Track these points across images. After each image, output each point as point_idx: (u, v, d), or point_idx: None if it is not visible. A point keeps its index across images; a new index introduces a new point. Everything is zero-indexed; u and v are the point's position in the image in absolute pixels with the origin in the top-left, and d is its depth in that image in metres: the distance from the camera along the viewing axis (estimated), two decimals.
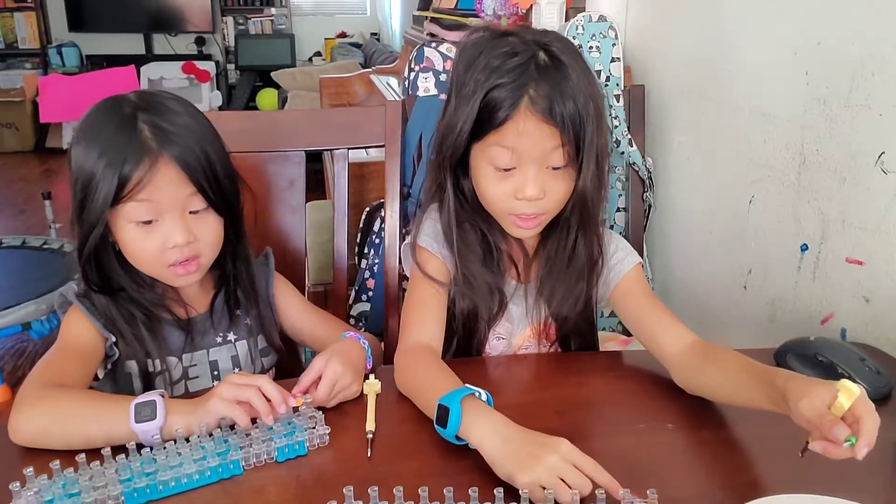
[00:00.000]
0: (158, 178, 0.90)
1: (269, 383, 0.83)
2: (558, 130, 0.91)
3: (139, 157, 0.90)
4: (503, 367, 1.07)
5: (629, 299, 1.04)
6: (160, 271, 0.97)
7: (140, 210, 0.91)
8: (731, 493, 0.74)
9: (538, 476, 0.72)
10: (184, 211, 0.94)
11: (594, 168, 0.94)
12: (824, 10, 1.15)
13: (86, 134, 0.94)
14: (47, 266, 2.59)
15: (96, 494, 0.72)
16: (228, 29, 6.34)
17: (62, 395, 0.85)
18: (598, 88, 0.95)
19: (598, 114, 0.93)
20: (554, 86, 0.90)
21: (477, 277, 1.02)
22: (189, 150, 0.93)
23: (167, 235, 0.93)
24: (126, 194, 0.90)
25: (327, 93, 2.99)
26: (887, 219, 1.06)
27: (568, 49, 0.94)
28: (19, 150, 5.61)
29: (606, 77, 1.61)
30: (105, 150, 0.90)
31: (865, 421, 0.69)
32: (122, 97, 0.96)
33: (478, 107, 0.93)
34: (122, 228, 0.93)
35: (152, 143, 0.91)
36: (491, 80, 0.91)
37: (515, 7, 1.93)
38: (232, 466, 0.78)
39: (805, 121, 1.20)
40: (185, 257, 0.95)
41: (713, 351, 0.93)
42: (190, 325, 1.03)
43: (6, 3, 6.00)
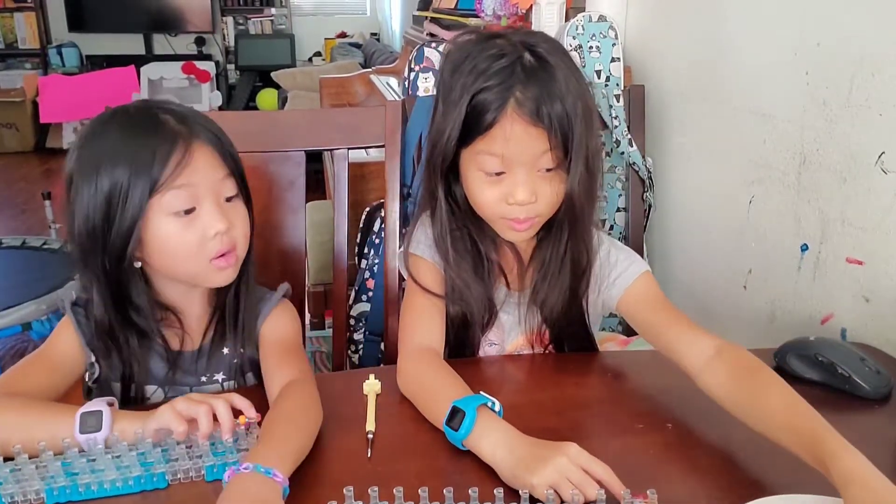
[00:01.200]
0: (195, 159, 0.88)
1: (224, 406, 0.80)
2: (546, 132, 0.89)
3: (171, 145, 0.87)
4: (503, 367, 1.07)
5: (639, 309, 1.02)
6: (201, 267, 0.92)
7: (179, 198, 0.87)
8: (730, 493, 0.74)
9: (547, 477, 0.72)
10: (219, 197, 0.91)
11: (583, 170, 0.92)
12: (824, 10, 1.15)
13: (94, 143, 0.90)
14: (47, 266, 2.59)
15: (17, 487, 0.73)
16: (228, 29, 6.34)
17: (10, 403, 0.84)
18: (586, 88, 0.93)
19: (586, 114, 0.91)
20: (541, 87, 0.89)
21: (469, 285, 1.02)
22: (214, 133, 0.92)
23: (207, 224, 0.89)
24: (164, 181, 0.86)
25: (327, 93, 3.00)
26: (887, 219, 1.06)
27: (555, 49, 0.92)
28: (19, 151, 5.61)
29: (606, 77, 1.61)
30: (125, 154, 0.87)
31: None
32: (123, 106, 0.93)
33: (465, 111, 0.91)
34: (158, 226, 0.88)
35: (181, 128, 0.89)
36: (477, 84, 0.90)
37: (515, 7, 1.93)
38: (156, 479, 0.76)
39: (805, 121, 1.20)
40: (226, 247, 0.91)
41: (751, 376, 0.86)
42: (177, 359, 0.98)
43: (6, 4, 6.00)
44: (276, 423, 0.81)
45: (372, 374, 0.96)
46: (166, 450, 0.79)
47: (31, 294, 2.32)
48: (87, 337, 0.96)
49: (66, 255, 0.99)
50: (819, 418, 0.76)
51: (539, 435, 0.80)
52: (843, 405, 0.92)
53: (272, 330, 1.00)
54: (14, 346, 2.54)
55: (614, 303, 1.04)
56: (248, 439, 0.81)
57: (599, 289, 1.05)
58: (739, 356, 0.89)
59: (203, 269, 0.92)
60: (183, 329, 0.98)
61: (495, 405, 0.84)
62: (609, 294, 1.04)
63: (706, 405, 0.87)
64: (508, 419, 0.82)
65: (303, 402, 0.87)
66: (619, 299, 1.03)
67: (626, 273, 1.03)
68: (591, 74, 1.61)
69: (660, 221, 1.67)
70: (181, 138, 0.88)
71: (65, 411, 0.82)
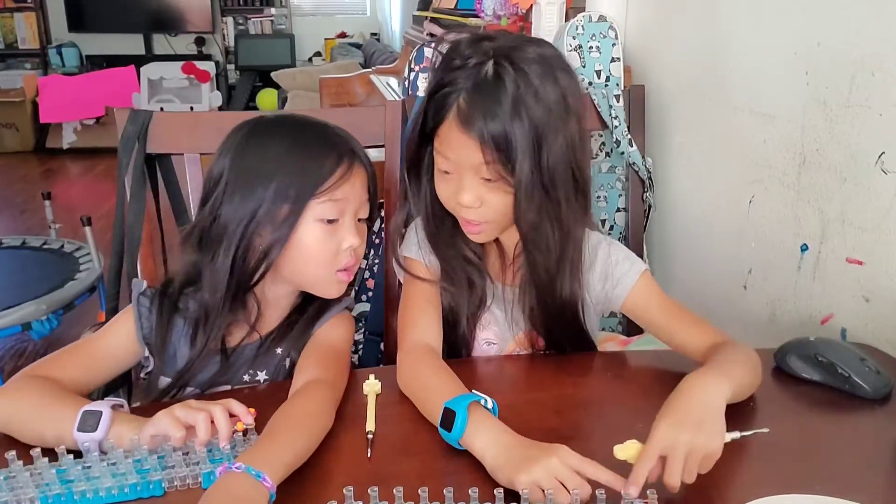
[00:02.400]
0: (354, 179, 0.96)
1: (222, 413, 0.80)
2: (480, 146, 0.89)
3: (339, 158, 0.95)
4: (502, 367, 1.07)
5: (644, 308, 1.04)
6: (327, 274, 0.98)
7: (332, 208, 0.95)
8: (731, 492, 0.74)
9: (537, 477, 0.72)
10: (356, 216, 0.98)
11: (532, 191, 0.90)
12: (824, 10, 1.15)
13: (263, 137, 0.97)
14: (47, 266, 2.59)
15: (11, 495, 0.73)
16: (228, 29, 6.34)
17: (30, 389, 0.86)
18: (553, 112, 0.89)
19: (537, 144, 0.88)
20: (483, 101, 0.88)
21: (457, 271, 1.03)
22: (367, 156, 1.01)
23: (344, 237, 0.96)
24: (326, 189, 0.93)
25: (327, 93, 2.99)
26: (887, 219, 1.06)
27: (531, 67, 0.89)
28: (19, 151, 5.61)
29: (606, 77, 1.61)
30: (296, 148, 0.95)
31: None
32: (287, 116, 1.02)
33: (424, 105, 0.95)
34: (306, 230, 0.94)
35: (349, 145, 0.98)
36: (439, 80, 0.93)
37: (515, 7, 1.93)
38: (153, 486, 0.75)
39: (805, 121, 1.20)
40: (353, 262, 0.98)
41: (713, 351, 0.92)
42: (230, 356, 0.99)
43: (6, 4, 6.00)
44: (281, 424, 0.81)
45: (372, 374, 0.96)
46: (163, 457, 0.78)
47: (31, 294, 2.33)
48: (144, 331, 0.98)
49: (186, 237, 0.99)
50: (711, 378, 0.81)
51: (539, 435, 0.80)
52: (843, 405, 0.92)
53: (324, 333, 1.02)
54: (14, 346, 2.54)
55: (619, 302, 1.05)
56: (245, 446, 0.80)
57: (604, 288, 1.05)
58: (721, 344, 0.93)
59: (327, 277, 0.98)
60: (253, 327, 1.00)
61: (487, 402, 0.84)
62: (614, 294, 1.05)
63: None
64: (508, 419, 0.82)
65: (316, 406, 0.86)
66: (624, 299, 1.04)
67: (630, 273, 1.04)
68: (591, 74, 1.61)
69: (660, 221, 1.67)
70: (346, 156, 0.96)
71: (73, 405, 0.82)
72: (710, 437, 0.74)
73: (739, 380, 0.85)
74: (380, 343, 1.43)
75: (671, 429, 0.73)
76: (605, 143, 1.63)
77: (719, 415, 0.77)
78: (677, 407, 0.76)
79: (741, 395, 0.88)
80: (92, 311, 2.54)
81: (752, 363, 0.91)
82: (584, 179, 0.96)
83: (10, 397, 0.86)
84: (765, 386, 0.98)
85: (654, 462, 0.72)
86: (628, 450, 0.74)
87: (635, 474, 0.71)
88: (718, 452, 0.73)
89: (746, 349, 0.93)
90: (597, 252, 1.05)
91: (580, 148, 0.94)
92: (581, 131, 0.94)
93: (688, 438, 0.72)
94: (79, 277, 2.48)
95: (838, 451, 0.84)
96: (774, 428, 0.88)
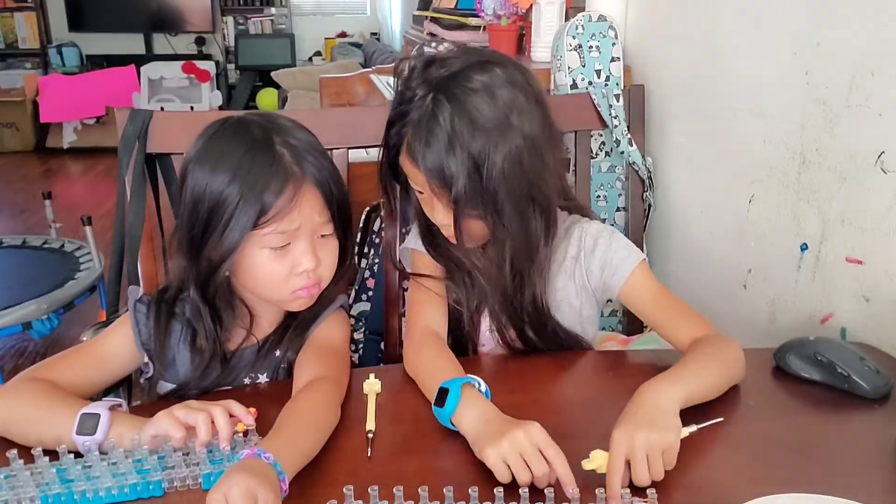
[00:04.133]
0: (301, 203, 0.90)
1: (223, 414, 0.79)
2: (423, 177, 0.94)
3: (282, 184, 0.88)
4: (502, 365, 1.07)
5: (638, 298, 1.06)
6: (282, 295, 0.95)
7: (278, 237, 0.90)
8: (731, 492, 0.74)
9: (503, 451, 0.75)
10: (314, 235, 0.93)
11: (489, 216, 0.94)
12: (824, 10, 1.15)
13: (212, 156, 0.91)
14: (47, 266, 2.59)
15: (12, 494, 0.73)
16: (228, 29, 6.34)
17: (29, 392, 0.86)
18: (494, 138, 0.91)
19: (475, 170, 0.91)
20: (422, 138, 0.92)
21: (455, 272, 1.05)
22: (324, 171, 0.93)
23: (297, 261, 0.92)
24: (266, 221, 0.88)
25: (327, 92, 2.99)
26: (887, 219, 1.06)
27: (470, 98, 0.91)
28: (20, 150, 5.61)
29: (606, 77, 1.61)
30: (238, 176, 0.88)
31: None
32: (244, 117, 0.95)
33: (385, 136, 1.00)
34: (250, 254, 0.91)
35: (294, 168, 0.90)
36: (394, 112, 0.98)
37: (515, 7, 1.93)
38: (152, 487, 0.76)
39: (805, 121, 1.20)
40: (310, 283, 0.94)
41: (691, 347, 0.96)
42: (230, 360, 0.99)
43: (6, 3, 6.00)
44: (290, 422, 0.82)
45: (372, 374, 0.96)
46: (163, 457, 0.78)
47: (32, 293, 2.33)
48: (142, 337, 0.97)
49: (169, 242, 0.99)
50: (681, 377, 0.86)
51: None
52: (842, 405, 0.92)
53: (321, 333, 1.02)
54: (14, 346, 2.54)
55: (616, 291, 1.06)
56: (245, 447, 0.79)
57: (602, 276, 1.06)
58: (704, 337, 0.96)
59: (284, 298, 0.96)
60: (249, 331, 0.99)
61: (481, 385, 0.88)
62: (612, 281, 1.06)
63: (706, 405, 0.87)
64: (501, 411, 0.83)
65: (324, 402, 0.87)
66: (620, 287, 1.06)
67: (627, 262, 1.05)
68: (591, 74, 1.61)
69: (660, 221, 1.67)
70: (292, 180, 0.89)
71: (72, 407, 0.82)
72: (664, 432, 0.77)
73: (697, 380, 0.88)
74: (380, 343, 1.43)
75: (626, 433, 0.76)
76: (605, 143, 1.63)
77: (670, 413, 0.81)
78: (629, 413, 0.80)
79: (706, 393, 0.89)
80: (92, 311, 2.55)
81: (723, 358, 0.93)
82: (540, 191, 0.97)
83: (8, 401, 0.86)
84: (765, 385, 0.98)
85: (623, 469, 0.75)
86: (594, 460, 0.77)
87: (610, 487, 0.74)
88: (675, 445, 0.77)
89: (723, 345, 0.95)
90: (598, 240, 1.07)
91: (533, 160, 0.94)
92: (532, 145, 0.94)
93: (643, 436, 0.75)
94: (79, 277, 2.49)
95: (838, 450, 0.84)
96: (774, 427, 0.88)
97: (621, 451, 0.75)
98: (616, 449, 0.75)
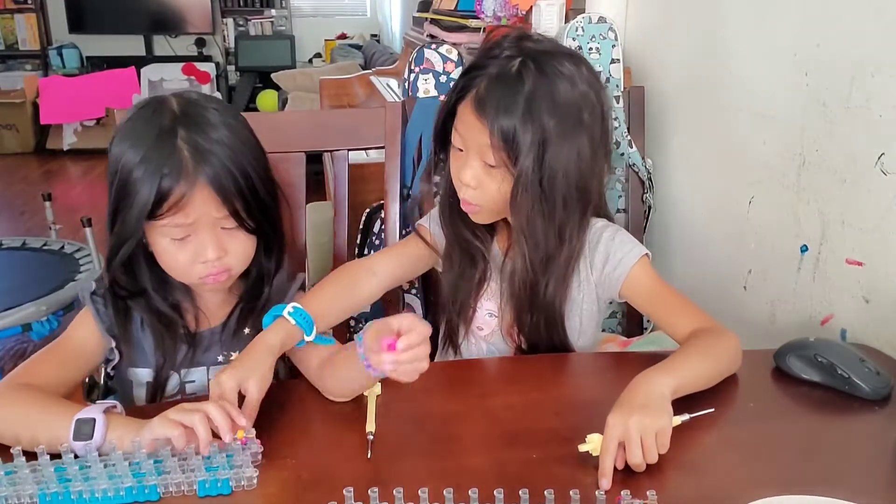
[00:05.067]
0: (194, 200, 0.89)
1: (217, 410, 0.79)
2: (487, 132, 0.94)
3: (176, 177, 0.89)
4: (502, 367, 1.07)
5: (639, 293, 1.07)
6: (190, 280, 0.97)
7: (174, 229, 0.91)
8: (731, 493, 0.74)
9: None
10: (216, 227, 0.93)
11: (536, 191, 0.95)
12: (824, 11, 1.15)
13: (128, 133, 0.93)
14: (47, 267, 2.59)
15: (12, 490, 0.73)
16: (228, 30, 6.34)
17: (18, 398, 0.86)
18: (567, 125, 0.94)
19: (543, 144, 0.93)
20: (500, 93, 0.93)
21: (458, 248, 1.08)
22: (226, 172, 0.91)
23: (198, 251, 0.93)
24: (161, 213, 0.89)
25: (327, 94, 2.99)
26: (887, 219, 1.06)
27: (557, 76, 0.94)
28: (20, 152, 5.61)
29: (606, 78, 1.61)
30: (144, 157, 0.89)
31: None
32: (165, 101, 0.95)
33: (458, 81, 1.00)
34: (155, 241, 0.94)
35: (189, 165, 0.89)
36: (474, 62, 0.98)
37: (515, 8, 1.93)
38: (148, 491, 0.75)
39: (805, 122, 1.20)
40: (216, 271, 0.94)
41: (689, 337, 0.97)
42: (195, 339, 1.01)
43: (6, 5, 6.00)
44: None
45: None
46: (160, 461, 0.77)
47: (31, 295, 2.32)
48: (106, 324, 0.98)
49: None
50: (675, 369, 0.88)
51: (539, 435, 0.81)
52: (842, 406, 0.92)
53: None
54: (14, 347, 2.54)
55: (618, 286, 1.06)
56: (243, 456, 0.78)
57: (604, 270, 1.06)
58: (699, 330, 0.97)
59: (192, 282, 0.98)
60: (198, 308, 1.02)
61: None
62: (614, 276, 1.06)
63: (705, 405, 0.87)
64: (508, 419, 0.83)
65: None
66: (622, 283, 1.06)
67: (629, 256, 1.05)
68: None
69: (660, 222, 1.67)
70: (185, 178, 0.89)
71: (65, 412, 0.82)
72: (657, 416, 0.80)
73: (690, 370, 0.90)
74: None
75: (620, 417, 0.79)
76: None
77: (662, 399, 0.83)
78: (623, 400, 0.83)
79: (698, 383, 0.91)
80: None
81: (717, 350, 0.95)
82: (585, 193, 0.99)
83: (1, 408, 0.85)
84: (765, 387, 0.98)
85: (616, 451, 0.77)
86: (590, 442, 0.79)
87: (603, 466, 0.76)
88: (668, 429, 0.80)
89: (719, 337, 0.96)
90: (601, 235, 1.07)
91: (587, 163, 0.98)
92: (592, 150, 0.98)
93: (637, 420, 0.78)
94: (79, 278, 2.48)
95: (838, 451, 0.84)
96: (774, 427, 0.88)
97: (615, 434, 0.77)
98: (610, 431, 0.78)
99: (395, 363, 0.75)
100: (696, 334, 0.97)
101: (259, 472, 0.78)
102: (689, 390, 0.88)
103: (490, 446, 0.84)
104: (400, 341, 0.75)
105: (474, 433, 0.87)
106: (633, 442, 0.77)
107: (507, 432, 0.86)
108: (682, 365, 0.90)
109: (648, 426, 0.78)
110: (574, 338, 1.09)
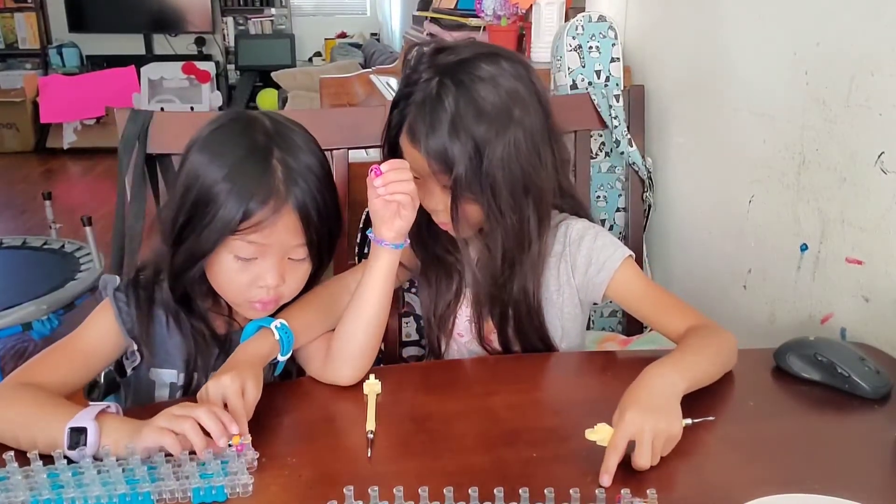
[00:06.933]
0: (277, 223, 0.89)
1: (208, 414, 0.78)
2: (423, 157, 0.94)
3: (265, 198, 0.88)
4: (502, 366, 1.07)
5: (627, 294, 1.06)
6: (239, 301, 0.96)
7: (248, 249, 0.90)
8: (731, 492, 0.74)
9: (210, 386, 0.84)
10: (284, 257, 0.93)
11: (485, 202, 0.95)
12: (824, 10, 1.15)
13: (213, 146, 0.92)
14: (48, 266, 2.59)
15: (4, 496, 0.72)
16: (228, 29, 6.33)
17: (17, 398, 0.84)
18: (496, 127, 0.93)
19: (477, 155, 0.93)
20: (425, 119, 0.93)
21: (433, 264, 1.08)
22: (311, 199, 0.91)
23: (260, 275, 0.92)
24: (241, 230, 0.88)
25: (327, 93, 3.00)
26: (887, 219, 1.06)
27: (477, 85, 0.93)
28: (20, 151, 5.60)
29: (606, 77, 1.61)
30: (232, 174, 0.88)
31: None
32: (256, 117, 0.94)
33: (388, 115, 1.01)
34: (219, 257, 0.92)
35: (281, 187, 0.89)
36: (400, 93, 0.99)
37: (515, 7, 1.93)
38: (142, 498, 0.74)
39: (805, 121, 1.20)
40: (269, 299, 0.94)
41: (685, 336, 0.97)
42: (227, 342, 1.00)
43: (6, 4, 6.00)
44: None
45: (372, 374, 0.96)
46: (154, 468, 0.76)
47: (32, 294, 2.32)
48: (128, 325, 0.97)
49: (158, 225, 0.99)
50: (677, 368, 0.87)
51: (539, 435, 0.81)
52: (842, 405, 0.92)
53: None
54: (14, 346, 2.54)
55: (602, 289, 1.06)
56: (238, 462, 0.78)
57: (587, 273, 1.06)
58: (694, 328, 0.97)
59: (240, 303, 0.96)
60: (231, 316, 1.01)
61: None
62: (598, 279, 1.05)
63: (705, 405, 0.88)
64: (508, 419, 0.83)
65: None
66: (607, 285, 1.05)
67: (613, 258, 1.05)
68: (591, 74, 1.61)
69: (660, 221, 1.67)
70: (274, 198, 0.89)
71: (63, 415, 0.80)
72: (671, 422, 0.80)
73: (698, 368, 0.90)
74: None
75: (637, 416, 0.78)
76: (605, 143, 1.64)
77: (676, 402, 0.83)
78: (639, 396, 0.82)
79: (703, 381, 0.91)
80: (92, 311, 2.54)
81: (717, 348, 0.95)
82: (534, 187, 0.99)
83: (1, 408, 0.84)
84: (765, 386, 0.98)
85: (624, 448, 0.77)
86: (599, 432, 0.79)
87: (607, 462, 0.76)
88: (679, 435, 0.80)
89: (715, 334, 0.97)
90: (583, 237, 1.07)
91: (529, 157, 0.97)
92: (531, 142, 0.97)
93: (653, 424, 0.78)
94: (79, 277, 2.48)
95: (838, 450, 0.84)
96: (774, 427, 0.88)
97: (629, 432, 0.77)
98: (625, 428, 0.77)
99: (384, 183, 0.89)
100: (694, 332, 0.97)
101: (258, 473, 0.78)
102: (696, 387, 0.89)
103: (490, 445, 0.84)
104: (384, 165, 0.89)
105: (474, 432, 0.87)
106: (644, 444, 0.77)
107: (507, 431, 0.86)
108: (690, 362, 0.90)
109: (663, 431, 0.78)
110: (557, 341, 1.08)
